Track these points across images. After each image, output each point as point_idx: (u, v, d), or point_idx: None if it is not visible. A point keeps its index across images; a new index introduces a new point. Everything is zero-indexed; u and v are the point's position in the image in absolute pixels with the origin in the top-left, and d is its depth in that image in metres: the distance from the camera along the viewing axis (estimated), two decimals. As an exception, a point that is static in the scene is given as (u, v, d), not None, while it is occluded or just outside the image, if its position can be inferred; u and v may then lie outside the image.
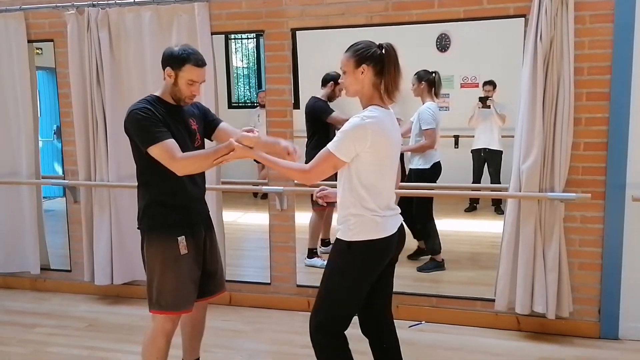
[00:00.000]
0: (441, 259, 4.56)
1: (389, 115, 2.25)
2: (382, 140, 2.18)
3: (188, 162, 2.35)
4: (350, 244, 2.22)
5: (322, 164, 2.20)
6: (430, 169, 4.49)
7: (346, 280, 2.26)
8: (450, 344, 3.37)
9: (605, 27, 3.19)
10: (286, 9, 3.68)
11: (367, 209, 2.20)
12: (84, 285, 4.29)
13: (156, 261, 2.46)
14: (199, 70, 2.41)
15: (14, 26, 4.15)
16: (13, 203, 4.36)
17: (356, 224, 2.21)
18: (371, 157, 2.18)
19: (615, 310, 3.35)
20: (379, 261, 2.26)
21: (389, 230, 2.24)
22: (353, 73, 2.22)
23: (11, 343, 3.50)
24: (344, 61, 2.24)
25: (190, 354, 2.81)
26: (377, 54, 2.20)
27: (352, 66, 2.21)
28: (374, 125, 2.15)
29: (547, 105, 3.23)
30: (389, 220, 2.26)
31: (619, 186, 3.26)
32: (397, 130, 2.33)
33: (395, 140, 2.27)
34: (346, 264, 2.26)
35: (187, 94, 2.43)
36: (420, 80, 4.48)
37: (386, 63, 2.19)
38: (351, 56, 2.22)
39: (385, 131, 2.19)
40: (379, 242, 2.22)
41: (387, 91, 2.22)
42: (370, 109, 2.20)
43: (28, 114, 4.22)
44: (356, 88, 2.24)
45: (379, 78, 2.21)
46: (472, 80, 7.14)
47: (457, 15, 3.40)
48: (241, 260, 4.71)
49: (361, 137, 2.14)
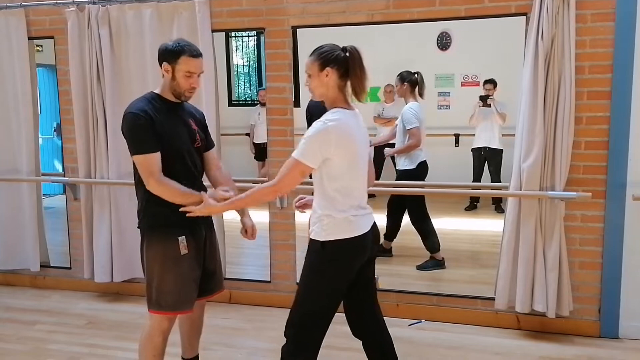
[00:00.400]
0: (441, 257, 4.57)
1: (353, 116, 2.26)
2: (348, 142, 2.19)
3: (162, 188, 2.34)
4: (324, 243, 2.23)
5: (289, 174, 2.21)
6: (416, 168, 4.50)
7: (321, 279, 2.27)
8: (451, 343, 3.37)
9: (606, 26, 3.18)
10: (287, 6, 3.67)
11: (340, 210, 2.22)
12: (83, 283, 4.29)
13: (156, 261, 2.45)
14: (195, 61, 2.39)
15: (14, 23, 4.14)
16: (13, 200, 4.36)
17: (329, 224, 2.23)
18: (339, 160, 2.19)
19: (616, 309, 3.35)
20: (353, 259, 2.27)
21: (361, 229, 2.26)
22: (318, 76, 2.23)
23: (11, 340, 3.50)
24: (308, 64, 2.26)
25: (189, 351, 2.80)
26: (342, 57, 2.21)
27: (317, 69, 2.23)
28: (336, 128, 2.16)
29: (548, 104, 3.22)
30: (361, 219, 2.27)
31: (620, 185, 3.26)
32: (363, 129, 2.33)
33: (361, 140, 2.28)
34: (321, 264, 2.27)
35: (186, 87, 2.41)
36: (403, 81, 4.51)
37: (350, 65, 2.20)
38: (315, 59, 2.24)
39: (349, 132, 2.20)
40: (352, 240, 2.23)
41: (355, 93, 2.24)
42: (333, 112, 2.22)
43: (28, 111, 4.21)
44: (321, 91, 2.26)
45: (344, 80, 2.23)
46: (473, 78, 7.15)
47: (458, 13, 3.39)
48: (241, 258, 4.71)
49: (325, 141, 2.15)
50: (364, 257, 2.30)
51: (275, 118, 3.80)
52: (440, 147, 6.89)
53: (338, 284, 2.28)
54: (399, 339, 3.35)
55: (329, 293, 2.28)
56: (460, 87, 7.28)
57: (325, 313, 2.30)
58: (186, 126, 2.49)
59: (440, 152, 6.75)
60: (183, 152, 2.44)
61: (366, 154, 2.35)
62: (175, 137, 2.42)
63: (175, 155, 2.41)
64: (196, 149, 2.53)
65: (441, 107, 7.37)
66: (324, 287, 2.28)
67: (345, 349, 3.07)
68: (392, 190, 4.64)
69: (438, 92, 7.34)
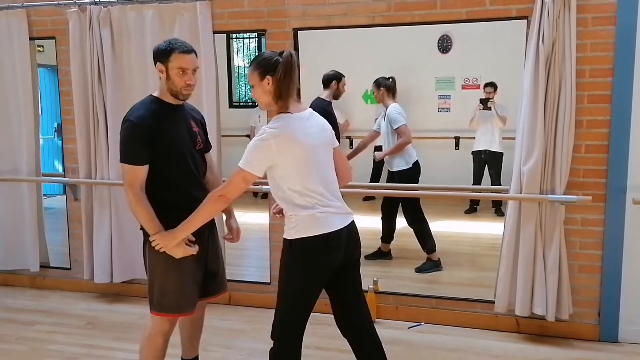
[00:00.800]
0: (437, 258, 4.57)
1: (299, 119, 2.26)
2: (292, 147, 2.20)
3: (136, 203, 2.36)
4: (291, 242, 2.25)
5: (233, 182, 2.24)
6: (412, 168, 4.54)
7: (293, 278, 2.28)
8: (450, 346, 3.37)
9: (607, 30, 3.19)
10: (288, 8, 3.68)
11: (303, 207, 2.23)
12: (83, 283, 4.29)
13: (158, 263, 2.44)
14: (186, 57, 2.39)
15: (16, 23, 4.15)
16: (13, 200, 4.36)
17: (296, 222, 2.24)
18: (288, 164, 2.21)
19: (615, 313, 3.35)
20: (323, 257, 2.26)
21: (331, 227, 2.24)
22: (260, 85, 2.25)
23: (10, 340, 3.50)
24: (249, 75, 2.28)
25: (189, 352, 2.81)
26: (279, 62, 2.22)
27: (257, 79, 2.25)
28: (276, 136, 2.17)
29: (549, 108, 3.23)
30: (331, 217, 2.26)
31: (620, 189, 3.26)
32: (316, 130, 2.31)
33: (311, 141, 2.25)
34: (289, 262, 2.29)
35: (182, 84, 2.40)
36: (379, 87, 4.63)
37: (280, 69, 2.21)
38: (255, 69, 2.26)
39: (292, 137, 2.20)
40: (320, 238, 2.22)
41: (276, 96, 2.23)
42: (275, 119, 2.24)
43: (29, 112, 4.22)
44: (266, 99, 2.27)
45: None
46: (474, 81, 7.14)
47: (459, 16, 3.40)
48: (241, 260, 4.71)
49: (266, 149, 2.18)
50: (336, 255, 2.27)
51: (276, 120, 3.80)
52: (440, 150, 6.89)
53: (309, 282, 2.27)
54: (398, 342, 3.36)
55: (301, 291, 2.28)
56: (460, 90, 7.27)
57: (301, 311, 2.31)
58: (187, 128, 2.50)
59: (441, 155, 6.75)
60: (185, 154, 2.44)
61: (326, 152, 2.34)
62: (177, 139, 2.42)
63: (177, 158, 2.41)
64: (197, 150, 2.53)
65: (441, 110, 7.36)
66: (296, 286, 2.28)
67: (345, 352, 3.06)
68: (392, 193, 4.64)
69: (438, 95, 7.33)
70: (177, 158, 2.41)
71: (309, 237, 2.22)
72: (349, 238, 2.31)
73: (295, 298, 2.30)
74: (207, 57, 3.76)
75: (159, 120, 2.38)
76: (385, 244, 4.82)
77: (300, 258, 2.25)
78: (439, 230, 4.63)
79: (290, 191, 2.24)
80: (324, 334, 2.92)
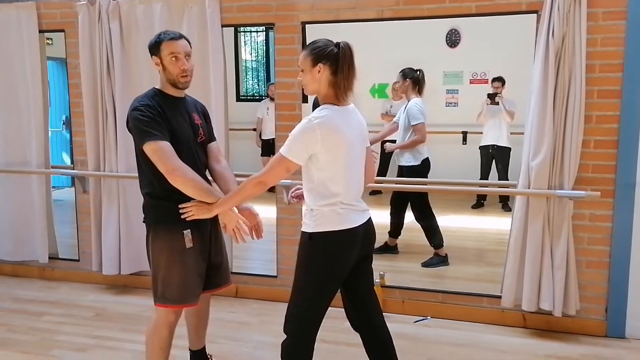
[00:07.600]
0: (444, 253, 4.57)
1: (344, 112, 2.24)
2: (335, 139, 2.18)
3: (182, 179, 2.32)
4: (311, 235, 2.24)
5: (275, 168, 2.23)
6: (420, 165, 4.51)
7: (311, 271, 2.27)
8: (456, 340, 3.37)
9: (617, 25, 3.16)
10: (296, 2, 3.67)
11: (329, 203, 2.22)
12: (91, 275, 4.32)
13: (162, 255, 2.46)
14: (176, 42, 2.41)
15: (25, 16, 4.17)
16: (23, 192, 4.39)
17: (318, 216, 2.23)
18: (328, 156, 2.19)
19: (622, 309, 3.34)
20: (342, 253, 2.26)
21: (351, 223, 2.25)
22: (310, 72, 2.22)
23: (19, 331, 3.53)
24: (301, 59, 2.25)
25: (196, 343, 2.83)
26: (334, 53, 2.20)
27: (309, 65, 2.22)
28: (322, 125, 2.15)
29: (558, 102, 3.21)
30: (351, 213, 2.26)
31: (629, 185, 3.24)
32: (359, 125, 2.31)
33: (353, 137, 2.25)
34: (308, 255, 2.28)
35: (177, 71, 2.41)
36: (405, 78, 4.56)
37: (340, 62, 2.19)
38: (308, 54, 2.23)
39: (337, 129, 2.18)
40: (340, 233, 2.22)
41: (340, 90, 2.22)
42: (320, 109, 2.21)
43: (38, 104, 4.25)
44: (314, 87, 2.25)
45: (336, 77, 2.21)
46: (482, 76, 7.12)
47: (468, 10, 3.38)
48: (248, 253, 4.72)
49: (311, 138, 2.15)
50: (353, 251, 2.28)
51: (284, 113, 3.80)
52: (448, 145, 6.89)
53: (327, 277, 2.27)
54: (405, 336, 3.37)
55: (319, 286, 2.27)
56: (468, 84, 7.26)
57: (317, 306, 2.30)
58: (189, 120, 2.51)
59: (448, 150, 6.75)
60: (187, 147, 2.44)
61: (361, 150, 2.33)
62: (180, 131, 2.42)
63: (179, 150, 2.41)
64: (200, 143, 2.54)
65: (449, 105, 7.35)
66: (314, 280, 2.27)
67: (352, 345, 3.07)
68: (399, 187, 4.64)
69: (446, 90, 7.32)
70: (179, 150, 2.41)
71: (331, 231, 2.22)
72: (365, 234, 2.32)
73: (313, 292, 2.28)
74: (215, 50, 3.76)
75: (162, 110, 2.39)
76: (392, 238, 4.83)
77: (321, 252, 2.24)
78: (445, 225, 4.62)
79: (319, 182, 2.22)
80: (331, 327, 2.93)
